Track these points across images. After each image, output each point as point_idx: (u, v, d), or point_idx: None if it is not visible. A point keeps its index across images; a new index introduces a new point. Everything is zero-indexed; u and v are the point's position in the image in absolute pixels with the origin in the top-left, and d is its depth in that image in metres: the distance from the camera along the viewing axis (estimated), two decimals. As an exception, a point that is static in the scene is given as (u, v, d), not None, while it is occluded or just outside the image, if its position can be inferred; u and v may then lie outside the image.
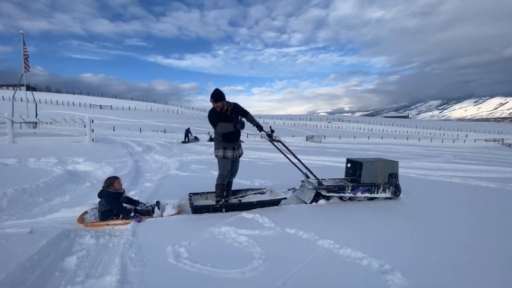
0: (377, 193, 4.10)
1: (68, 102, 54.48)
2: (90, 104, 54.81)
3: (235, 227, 2.75)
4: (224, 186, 3.55)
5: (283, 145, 3.96)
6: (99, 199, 3.17)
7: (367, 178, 4.03)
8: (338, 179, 4.44)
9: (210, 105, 3.32)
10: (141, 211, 3.23)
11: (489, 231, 3.02)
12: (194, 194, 3.84)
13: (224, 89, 4.08)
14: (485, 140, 43.27)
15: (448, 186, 5.83)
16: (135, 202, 3.44)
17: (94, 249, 2.44)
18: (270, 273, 1.94)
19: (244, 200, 3.78)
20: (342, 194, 3.96)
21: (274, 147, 4.01)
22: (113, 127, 28.84)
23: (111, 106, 56.50)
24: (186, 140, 18.84)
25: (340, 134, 41.60)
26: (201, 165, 7.43)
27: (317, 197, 3.88)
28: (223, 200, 3.51)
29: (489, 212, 3.85)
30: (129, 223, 2.88)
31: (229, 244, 2.42)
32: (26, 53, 14.25)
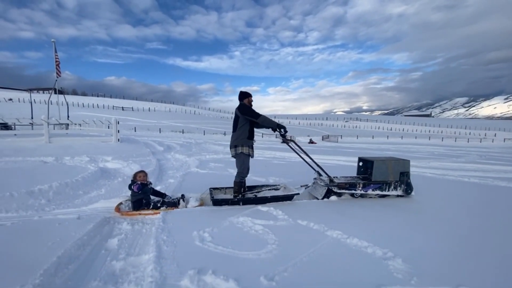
0: (388, 190, 4.24)
1: (93, 104, 57.62)
2: (113, 106, 57.62)
3: (252, 218, 3.05)
4: (242, 183, 3.83)
5: (296, 144, 4.20)
6: (130, 191, 3.59)
7: (378, 176, 4.19)
8: (350, 177, 4.61)
9: (226, 105, 3.62)
10: (168, 203, 3.63)
11: (490, 228, 3.09)
12: (214, 188, 4.18)
13: (240, 89, 4.44)
14: (516, 140, 40.61)
15: (464, 185, 5.79)
16: (162, 195, 3.85)
17: (131, 234, 2.84)
18: (282, 255, 2.22)
19: (259, 195, 4.08)
20: (353, 191, 4.13)
21: (288, 147, 4.27)
22: (135, 127, 30.28)
23: (132, 107, 59.08)
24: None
25: (358, 134, 40.82)
26: (219, 163, 7.82)
27: (328, 193, 4.09)
28: (240, 195, 3.82)
29: (497, 210, 3.87)
30: (159, 213, 3.27)
31: (247, 231, 2.72)
32: (57, 59, 15.46)
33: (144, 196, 3.55)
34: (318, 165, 4.29)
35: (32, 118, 18.40)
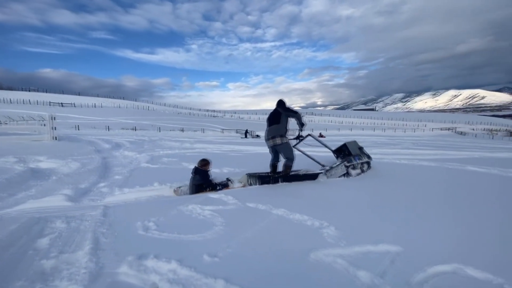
0: (362, 159, 5.26)
1: (23, 100, 49.90)
2: (50, 102, 50.74)
3: (201, 205, 3.06)
4: (291, 166, 4.35)
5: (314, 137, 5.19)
6: (192, 175, 4.14)
7: (354, 151, 5.27)
8: (340, 160, 5.45)
9: (184, 101, 3.64)
10: (221, 184, 4.24)
11: (411, 198, 3.65)
12: (251, 175, 4.56)
13: (199, 84, 4.60)
14: (441, 129, 47.71)
15: (396, 166, 6.64)
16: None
17: (66, 231, 2.60)
18: (228, 235, 2.30)
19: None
20: (354, 163, 5.04)
21: (246, 142, 4.41)
22: (77, 126, 27.18)
23: (73, 103, 52.82)
24: (246, 136, 25.53)
25: (313, 127, 43.22)
26: (173, 158, 7.56)
27: (347, 173, 4.93)
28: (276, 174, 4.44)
29: (417, 183, 4.59)
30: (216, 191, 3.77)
31: (195, 217, 2.73)
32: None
33: (204, 181, 4.12)
34: (313, 159, 5.28)
35: None
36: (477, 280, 1.72)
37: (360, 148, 5.53)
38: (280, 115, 4.37)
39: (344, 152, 5.51)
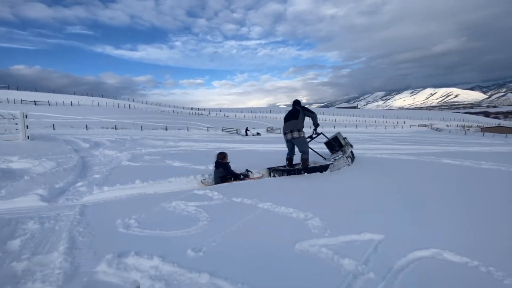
0: (351, 148, 6.03)
1: (-9, 98, 46.64)
2: (22, 100, 47.78)
3: (185, 201, 2.99)
4: (308, 159, 4.73)
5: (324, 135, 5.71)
6: (214, 169, 4.45)
7: (343, 142, 6.03)
8: (335, 152, 6.00)
9: (167, 99, 3.56)
10: (243, 174, 4.60)
11: (389, 188, 3.77)
12: (273, 169, 5.05)
13: (183, 82, 4.57)
14: (418, 126, 49.84)
15: (377, 160, 6.84)
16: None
17: (40, 232, 2.44)
18: (212, 229, 2.25)
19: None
20: (348, 153, 5.73)
21: (232, 139, 4.42)
22: (53, 125, 25.79)
23: (48, 101, 50.06)
24: (246, 134, 26.10)
25: (297, 125, 43.69)
26: (156, 156, 7.35)
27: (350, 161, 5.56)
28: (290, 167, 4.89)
29: (395, 173, 4.77)
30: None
31: (178, 213, 2.66)
32: None
33: (227, 172, 4.39)
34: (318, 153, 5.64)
35: None
36: (454, 263, 1.80)
37: (345, 138, 6.22)
38: (299, 112, 4.70)
39: (335, 144, 6.15)
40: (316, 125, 4.93)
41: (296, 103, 5.02)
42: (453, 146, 12.26)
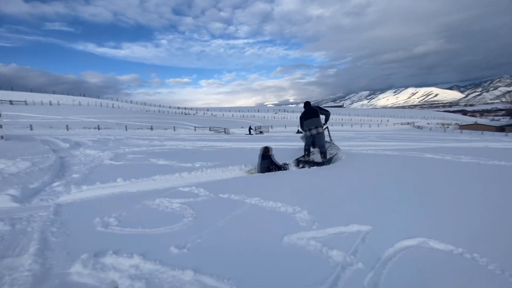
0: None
1: (-38, 98, 43.77)
2: (-4, 100, 45.17)
3: (170, 198, 2.88)
4: (326, 151, 5.53)
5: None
6: (261, 161, 4.93)
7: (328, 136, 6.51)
8: (336, 148, 6.56)
9: (153, 98, 3.46)
10: (284, 166, 5.07)
11: (375, 180, 3.82)
12: (301, 161, 5.51)
13: (169, 81, 4.44)
14: (401, 124, 51.45)
15: (363, 155, 6.97)
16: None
17: (10, 234, 2.26)
18: (198, 226, 2.16)
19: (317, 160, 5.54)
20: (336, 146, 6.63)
21: (219, 138, 4.30)
22: (30, 125, 24.50)
23: (25, 101, 47.61)
24: (250, 133, 26.26)
25: (286, 124, 43.94)
26: (140, 155, 7.11)
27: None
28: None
29: (380, 167, 4.85)
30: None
31: (162, 211, 2.55)
32: None
33: (271, 164, 4.89)
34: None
35: None
36: (440, 251, 1.81)
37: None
38: (317, 111, 5.62)
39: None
40: (327, 121, 5.76)
41: (309, 103, 5.93)
42: (434, 142, 12.70)
